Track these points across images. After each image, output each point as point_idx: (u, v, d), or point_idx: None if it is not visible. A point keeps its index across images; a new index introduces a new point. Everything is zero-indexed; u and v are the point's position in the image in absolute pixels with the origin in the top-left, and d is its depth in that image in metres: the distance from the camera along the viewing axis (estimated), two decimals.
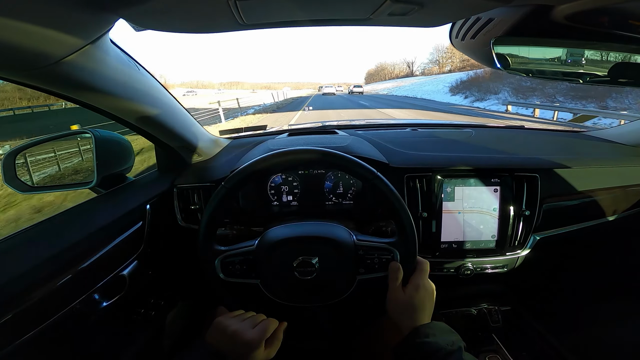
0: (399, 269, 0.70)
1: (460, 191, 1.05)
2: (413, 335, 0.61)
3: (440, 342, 0.58)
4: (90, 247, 0.75)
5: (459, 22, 0.69)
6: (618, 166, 1.12)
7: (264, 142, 1.20)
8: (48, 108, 15.17)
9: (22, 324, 0.59)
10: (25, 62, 0.53)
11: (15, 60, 0.52)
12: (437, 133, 1.37)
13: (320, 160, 0.73)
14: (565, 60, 0.65)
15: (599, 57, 0.66)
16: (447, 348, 0.56)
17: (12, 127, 13.41)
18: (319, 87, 67.45)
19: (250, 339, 0.62)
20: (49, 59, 0.54)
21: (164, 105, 0.91)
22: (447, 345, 0.57)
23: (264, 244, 0.75)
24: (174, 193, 1.07)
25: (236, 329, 0.63)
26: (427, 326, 0.62)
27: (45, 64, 0.54)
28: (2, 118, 14.77)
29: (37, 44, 0.49)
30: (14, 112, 15.67)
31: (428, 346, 0.57)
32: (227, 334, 0.63)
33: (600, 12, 0.55)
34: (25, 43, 0.48)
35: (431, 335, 0.59)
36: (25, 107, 16.05)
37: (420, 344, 0.58)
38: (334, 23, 0.66)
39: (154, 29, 0.60)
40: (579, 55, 0.66)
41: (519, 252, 1.06)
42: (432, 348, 0.57)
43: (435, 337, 0.59)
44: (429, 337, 0.59)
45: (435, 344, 0.57)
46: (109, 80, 0.70)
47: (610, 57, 0.65)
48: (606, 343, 1.05)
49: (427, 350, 0.57)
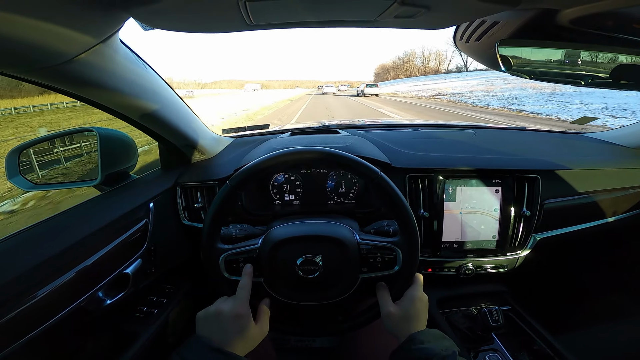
0: (384, 287, 0.75)
1: (461, 191, 1.06)
2: (408, 343, 0.63)
3: (434, 348, 0.59)
4: (94, 245, 0.75)
5: (464, 25, 0.70)
6: (618, 168, 1.13)
7: (267, 141, 1.20)
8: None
9: (27, 322, 0.59)
10: (38, 60, 0.53)
11: (28, 58, 0.52)
12: (438, 134, 1.37)
13: (325, 159, 0.73)
14: (568, 62, 0.66)
15: (601, 60, 0.66)
16: (442, 353, 0.58)
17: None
18: (318, 86, 67.00)
19: (234, 308, 0.64)
20: (60, 57, 0.54)
21: (169, 103, 0.92)
22: (442, 350, 0.58)
23: (268, 242, 0.75)
24: (177, 191, 1.08)
25: (216, 308, 0.65)
26: (421, 333, 0.64)
27: (57, 62, 0.55)
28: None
29: (50, 42, 0.50)
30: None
31: (423, 352, 0.59)
32: (211, 318, 0.64)
33: (605, 16, 0.56)
34: (38, 41, 0.48)
35: (426, 341, 0.61)
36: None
37: (416, 350, 0.60)
38: (340, 24, 0.67)
39: (163, 28, 0.60)
40: (581, 58, 0.66)
41: (520, 253, 1.07)
42: (427, 354, 0.58)
43: (430, 343, 0.60)
44: (423, 344, 0.61)
45: (430, 349, 0.59)
46: (117, 79, 0.70)
47: (612, 60, 0.66)
48: (606, 343, 1.06)
49: (422, 356, 0.59)
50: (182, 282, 1.09)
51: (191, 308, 1.09)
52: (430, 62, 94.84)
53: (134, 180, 1.02)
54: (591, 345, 1.02)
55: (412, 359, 0.60)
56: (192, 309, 1.10)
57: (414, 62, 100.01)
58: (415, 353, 0.60)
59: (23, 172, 0.92)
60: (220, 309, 0.64)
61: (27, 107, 14.15)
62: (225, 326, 0.62)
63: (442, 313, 1.05)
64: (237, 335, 0.62)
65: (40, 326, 0.61)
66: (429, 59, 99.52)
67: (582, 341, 1.01)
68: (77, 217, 0.81)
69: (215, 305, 0.66)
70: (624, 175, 1.13)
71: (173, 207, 1.08)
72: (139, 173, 1.09)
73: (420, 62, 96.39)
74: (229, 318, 0.63)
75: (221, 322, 0.63)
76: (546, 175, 1.07)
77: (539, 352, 0.91)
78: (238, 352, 0.61)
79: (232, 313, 0.63)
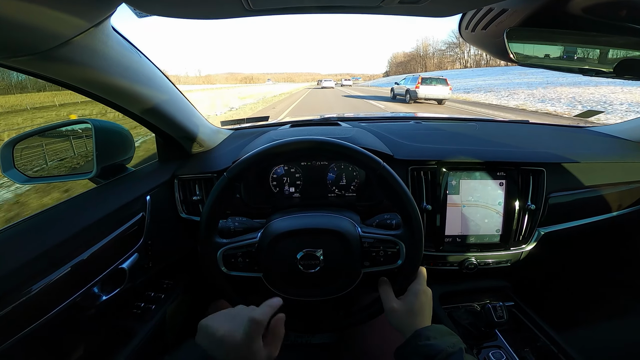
0: (386, 282, 0.73)
1: (465, 184, 1.04)
2: (414, 338, 0.62)
3: (441, 344, 0.58)
4: (89, 239, 0.73)
5: (470, 13, 0.68)
6: (623, 162, 1.12)
7: (267, 133, 1.18)
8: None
9: (20, 319, 0.57)
10: (27, 45, 0.51)
11: (17, 43, 0.50)
12: (441, 126, 1.36)
13: (325, 149, 0.71)
14: (579, 52, 0.64)
15: (609, 51, 0.64)
16: (448, 350, 0.57)
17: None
18: (317, 80, 66.70)
19: (241, 341, 0.53)
20: (50, 42, 0.52)
21: (166, 94, 0.90)
22: (448, 347, 0.57)
23: (267, 236, 0.74)
24: (175, 184, 1.06)
25: (224, 333, 0.54)
26: (427, 329, 0.63)
27: (47, 47, 0.53)
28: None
29: (38, 25, 0.48)
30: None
31: (430, 348, 0.58)
32: (216, 339, 0.54)
33: (619, 5, 0.54)
34: (27, 24, 0.47)
35: (432, 337, 0.60)
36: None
37: (422, 346, 0.59)
38: (342, 10, 0.64)
39: (158, 14, 0.58)
40: (591, 48, 0.65)
41: (524, 247, 1.06)
42: (433, 350, 0.57)
43: (437, 340, 0.60)
44: (430, 340, 0.60)
45: (436, 346, 0.58)
46: (111, 67, 0.68)
47: (620, 51, 0.64)
48: (610, 339, 1.05)
49: (428, 352, 0.58)
50: (180, 276, 1.07)
51: (190, 303, 1.08)
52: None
53: (130, 173, 1.00)
54: (595, 342, 1.01)
55: (418, 354, 0.59)
56: (191, 304, 1.09)
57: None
58: (421, 349, 0.59)
59: (17, 166, 0.90)
60: (227, 337, 0.54)
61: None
62: (230, 354, 0.53)
63: (444, 309, 1.04)
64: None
65: (34, 323, 0.59)
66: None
67: (586, 338, 1.00)
68: (72, 210, 0.79)
69: (224, 328, 0.55)
70: (628, 169, 1.12)
71: (170, 200, 1.06)
72: (136, 166, 1.07)
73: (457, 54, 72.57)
74: (233, 349, 0.53)
75: (226, 349, 0.53)
76: (551, 168, 1.05)
77: (543, 349, 0.90)
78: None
79: (239, 346, 0.53)
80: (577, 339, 0.90)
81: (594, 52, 0.64)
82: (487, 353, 0.89)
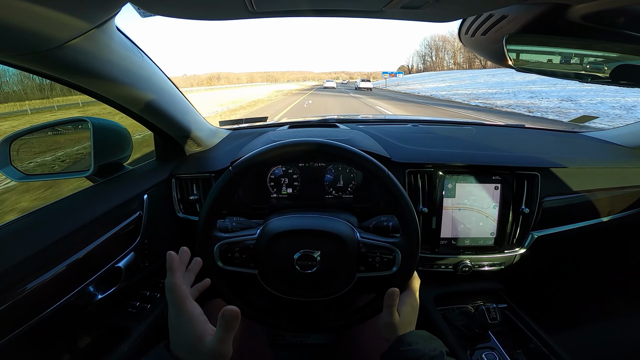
0: (396, 295, 0.68)
1: (460, 188, 1.05)
2: (397, 344, 0.63)
3: (423, 348, 0.60)
4: (85, 238, 0.73)
5: (471, 18, 0.69)
6: (617, 167, 1.13)
7: (266, 134, 1.18)
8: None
9: (15, 317, 0.57)
10: (29, 44, 0.51)
11: (19, 43, 0.50)
12: (438, 129, 1.36)
13: (335, 153, 0.72)
14: (577, 58, 0.65)
15: (606, 58, 0.65)
16: (430, 354, 0.58)
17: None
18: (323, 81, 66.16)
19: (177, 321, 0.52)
20: (53, 42, 0.52)
21: (165, 93, 0.89)
22: (430, 351, 0.59)
23: (266, 234, 0.74)
24: (172, 183, 1.06)
25: (196, 337, 0.50)
26: (410, 334, 0.64)
27: (50, 47, 0.53)
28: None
29: (42, 25, 0.48)
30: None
31: (412, 353, 0.60)
32: (188, 340, 0.51)
33: (618, 13, 0.55)
34: (30, 24, 0.46)
35: (414, 343, 0.62)
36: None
37: (404, 351, 0.61)
38: (345, 14, 0.65)
39: (161, 14, 0.58)
40: (590, 54, 0.66)
41: (517, 250, 1.07)
42: (415, 355, 0.59)
43: (418, 345, 0.61)
44: (412, 345, 0.61)
45: (418, 350, 0.60)
46: (112, 66, 0.68)
47: (618, 58, 0.65)
48: (600, 341, 1.06)
49: (411, 357, 0.59)
50: None
51: None
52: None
53: (127, 172, 1.00)
54: (587, 344, 1.02)
55: (401, 359, 0.61)
56: None
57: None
58: (404, 354, 0.60)
59: (14, 163, 0.89)
60: (201, 339, 0.50)
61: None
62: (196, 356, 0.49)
63: (439, 310, 1.05)
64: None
65: (29, 321, 0.59)
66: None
67: (578, 340, 1.02)
68: (68, 209, 0.78)
69: (197, 331, 0.51)
70: (622, 175, 1.13)
71: (168, 200, 1.05)
72: (134, 164, 1.07)
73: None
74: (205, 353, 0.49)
75: (194, 351, 0.50)
76: (545, 173, 1.07)
77: (535, 351, 0.90)
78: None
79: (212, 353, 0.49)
80: (569, 341, 0.91)
81: (591, 58, 0.65)
82: (480, 354, 0.89)
